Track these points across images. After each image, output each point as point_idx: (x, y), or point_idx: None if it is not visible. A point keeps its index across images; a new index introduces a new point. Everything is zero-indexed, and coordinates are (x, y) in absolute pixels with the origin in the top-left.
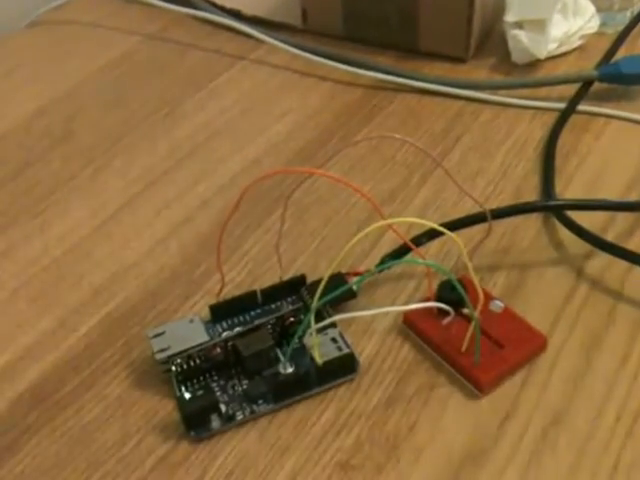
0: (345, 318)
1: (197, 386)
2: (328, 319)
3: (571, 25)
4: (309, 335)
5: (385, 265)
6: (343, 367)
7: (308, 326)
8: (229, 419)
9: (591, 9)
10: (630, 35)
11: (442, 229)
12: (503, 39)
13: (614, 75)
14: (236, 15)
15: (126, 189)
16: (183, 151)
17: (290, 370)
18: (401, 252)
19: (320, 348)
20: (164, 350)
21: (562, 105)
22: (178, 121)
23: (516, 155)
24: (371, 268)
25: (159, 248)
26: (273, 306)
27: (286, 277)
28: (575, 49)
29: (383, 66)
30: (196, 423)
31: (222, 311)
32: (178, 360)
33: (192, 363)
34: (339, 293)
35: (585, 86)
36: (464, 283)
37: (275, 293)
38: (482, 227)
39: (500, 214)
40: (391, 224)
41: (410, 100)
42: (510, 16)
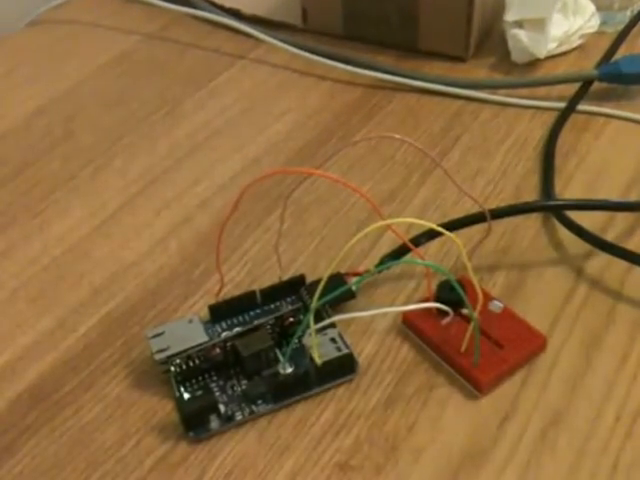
0: (344, 319)
1: (196, 386)
2: (327, 319)
3: (571, 24)
4: (308, 335)
5: (384, 265)
6: (342, 367)
7: (307, 326)
8: (228, 419)
9: (591, 8)
10: (630, 34)
11: (441, 229)
12: (503, 38)
13: (614, 74)
14: (236, 14)
15: (126, 189)
16: (183, 151)
17: (289, 370)
18: (400, 252)
19: (319, 348)
20: (163, 350)
21: (562, 105)
22: (178, 120)
23: (516, 155)
24: (370, 268)
25: (158, 248)
26: (272, 306)
27: (285, 277)
28: (575, 48)
29: (382, 65)
30: (195, 423)
31: (221, 311)
32: (177, 360)
33: (191, 363)
34: (338, 293)
35: (585, 86)
36: (463, 283)
37: (274, 293)
38: (482, 227)
39: (499, 214)
40: (390, 224)
41: (409, 99)
42: (510, 15)
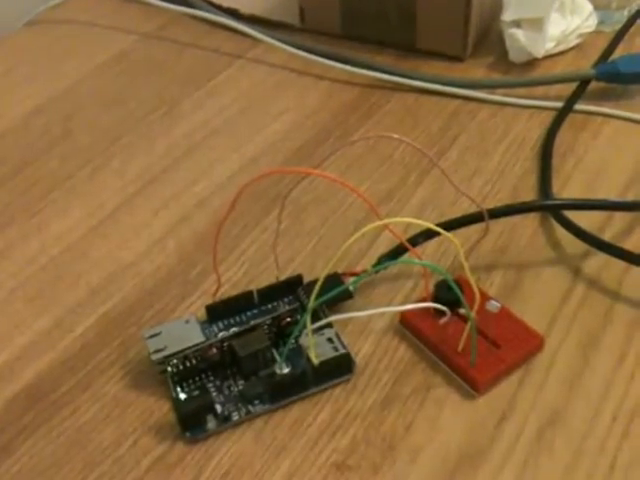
0: (341, 319)
1: (193, 387)
2: (324, 319)
3: (569, 24)
4: (305, 335)
5: (381, 265)
6: (339, 367)
7: (304, 326)
8: (225, 420)
9: (589, 7)
10: (628, 34)
11: (438, 229)
12: (501, 38)
13: (612, 74)
14: (233, 14)
15: (124, 188)
16: (181, 150)
17: (286, 370)
18: (398, 252)
19: (316, 348)
20: (160, 350)
21: (559, 104)
22: (176, 120)
23: (513, 154)
24: (368, 268)
25: (156, 248)
26: (270, 306)
27: (283, 277)
28: (573, 48)
29: (380, 65)
30: (192, 424)
31: (218, 311)
32: (174, 360)
33: (188, 363)
34: (335, 293)
35: (582, 85)
36: (461, 283)
37: (272, 293)
38: (479, 227)
39: (497, 214)
40: (387, 224)
41: (408, 99)
42: (507, 15)
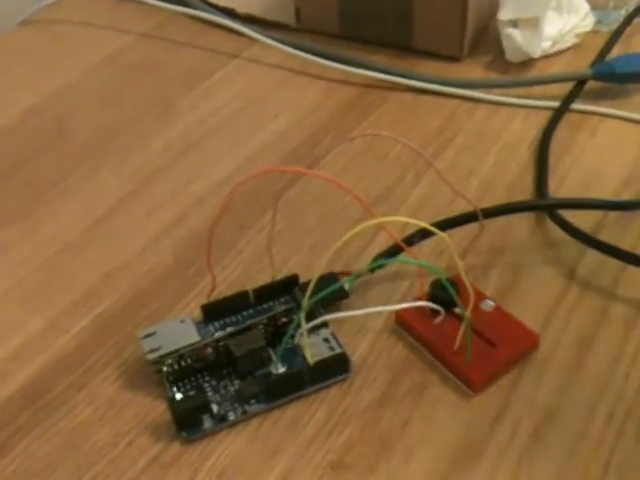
0: (335, 318)
1: (189, 386)
2: (318, 319)
3: (565, 23)
4: (300, 335)
5: (376, 264)
6: (335, 367)
7: (299, 326)
8: (221, 419)
9: (585, 7)
10: (625, 33)
11: (433, 229)
12: (498, 38)
13: (608, 74)
14: (230, 13)
15: (119, 188)
16: (177, 150)
17: (282, 370)
18: (393, 252)
19: (312, 348)
20: (155, 350)
21: (556, 104)
22: (172, 120)
23: (510, 154)
24: (362, 267)
25: (152, 248)
26: (266, 306)
27: (279, 277)
28: (569, 47)
29: (377, 65)
30: (187, 423)
31: (214, 311)
32: (169, 360)
33: (183, 363)
34: (329, 292)
35: (579, 85)
36: (456, 282)
37: (268, 293)
38: (476, 226)
39: (492, 213)
40: (383, 224)
41: (404, 99)
42: (504, 14)
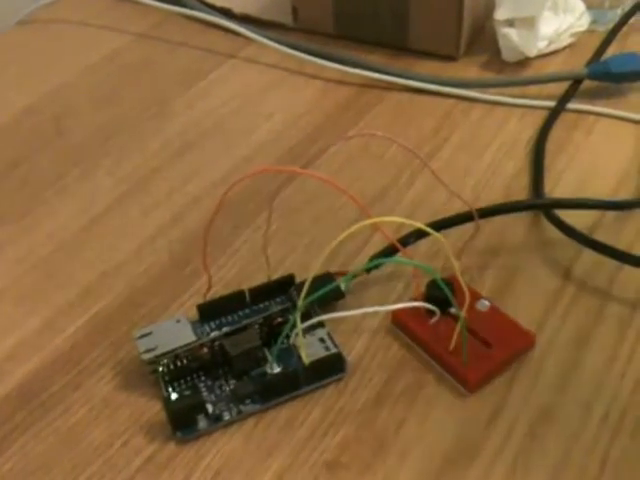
0: (331, 318)
1: (184, 386)
2: (313, 319)
3: (561, 23)
4: (295, 335)
5: (372, 264)
6: (331, 367)
7: (294, 326)
8: (216, 419)
9: (581, 6)
10: (620, 33)
11: (428, 229)
12: (494, 37)
13: (604, 73)
14: (226, 13)
15: (115, 188)
16: (173, 150)
17: (277, 370)
18: (389, 252)
19: (308, 348)
20: (150, 350)
21: (552, 103)
22: (168, 119)
23: (506, 154)
24: (358, 268)
25: (148, 247)
26: (262, 306)
27: (275, 277)
28: (565, 47)
29: (373, 64)
30: (182, 423)
31: (210, 311)
32: (165, 360)
33: (179, 363)
34: (325, 292)
35: (575, 84)
36: (452, 282)
37: (264, 293)
38: (472, 226)
39: (487, 213)
40: (378, 224)
41: (400, 98)
42: (500, 14)
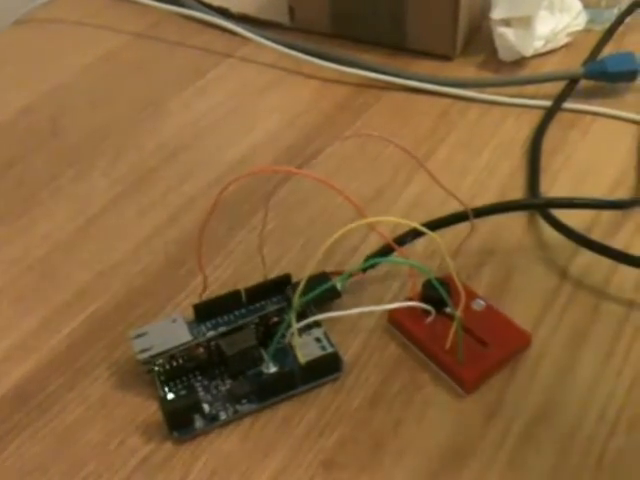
0: (327, 317)
1: (180, 386)
2: (309, 318)
3: (558, 22)
4: (291, 334)
5: (368, 264)
6: (327, 366)
7: (290, 326)
8: (212, 419)
9: (578, 6)
10: (617, 32)
11: (423, 229)
12: (490, 37)
13: (600, 73)
14: (223, 13)
15: (111, 188)
16: (170, 149)
17: (274, 370)
18: (385, 252)
19: (304, 348)
20: (146, 350)
21: (548, 103)
22: (165, 119)
23: (502, 153)
24: (354, 267)
25: (144, 248)
26: (258, 305)
27: (271, 276)
28: (562, 46)
29: (370, 64)
30: (179, 423)
31: (206, 311)
32: (160, 360)
33: (175, 363)
34: (321, 291)
35: (571, 84)
36: (448, 282)
37: (260, 293)
38: (468, 225)
39: (483, 212)
40: (374, 224)
41: (397, 98)
42: (496, 13)
